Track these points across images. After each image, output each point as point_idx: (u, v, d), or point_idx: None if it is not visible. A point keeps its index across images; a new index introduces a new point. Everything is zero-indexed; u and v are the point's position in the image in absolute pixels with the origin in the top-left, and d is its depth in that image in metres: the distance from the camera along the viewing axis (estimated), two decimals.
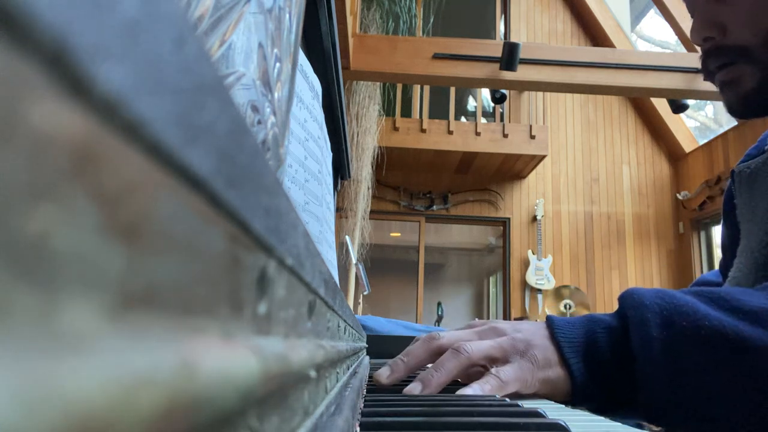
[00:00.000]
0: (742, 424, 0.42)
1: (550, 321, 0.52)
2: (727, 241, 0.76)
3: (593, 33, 5.50)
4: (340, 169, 1.22)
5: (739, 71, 0.61)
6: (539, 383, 0.48)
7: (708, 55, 0.64)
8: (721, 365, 0.42)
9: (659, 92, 3.73)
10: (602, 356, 0.49)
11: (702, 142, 5.21)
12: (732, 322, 0.43)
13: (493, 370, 0.48)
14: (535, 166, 5.10)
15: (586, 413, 0.42)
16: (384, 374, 0.53)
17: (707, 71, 0.65)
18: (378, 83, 4.44)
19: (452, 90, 5.04)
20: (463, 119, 6.34)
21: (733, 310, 0.44)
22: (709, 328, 0.43)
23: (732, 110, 0.64)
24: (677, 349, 0.44)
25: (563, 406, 0.48)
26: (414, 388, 0.48)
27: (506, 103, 5.04)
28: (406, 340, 1.25)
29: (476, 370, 0.50)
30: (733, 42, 0.61)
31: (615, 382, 0.48)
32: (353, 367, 0.49)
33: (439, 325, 4.81)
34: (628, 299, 0.49)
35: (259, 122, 0.26)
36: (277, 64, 0.28)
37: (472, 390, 0.46)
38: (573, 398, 0.49)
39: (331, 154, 0.87)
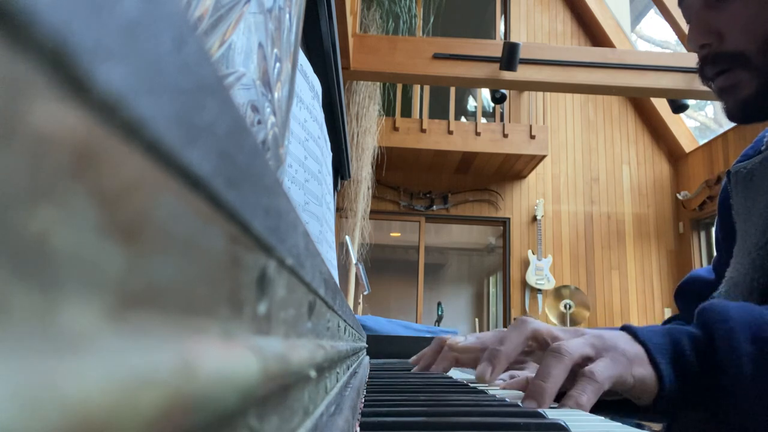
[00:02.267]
0: None
1: (629, 328, 0.50)
2: (721, 239, 0.76)
3: (593, 33, 5.50)
4: (340, 169, 1.22)
5: (736, 78, 0.61)
6: (634, 380, 0.46)
7: (705, 62, 0.64)
8: None
9: (659, 92, 3.73)
10: (689, 364, 0.47)
11: (702, 142, 5.21)
12: None
13: (585, 370, 0.45)
14: (535, 166, 5.10)
15: (586, 413, 0.42)
16: (487, 372, 0.52)
17: (705, 78, 0.65)
18: (378, 83, 4.44)
19: (452, 90, 5.04)
20: (463, 119, 6.34)
21: None
22: None
23: (731, 116, 0.64)
24: (767, 364, 0.43)
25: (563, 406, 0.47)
26: (530, 406, 0.45)
27: (506, 103, 5.04)
28: (406, 340, 1.25)
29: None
30: (730, 49, 0.61)
31: (700, 390, 0.47)
32: (353, 367, 0.49)
33: (438, 325, 4.81)
34: (710, 312, 0.47)
35: (259, 122, 0.26)
36: (277, 64, 0.28)
37: (572, 401, 0.44)
38: (658, 401, 0.47)
39: (331, 154, 0.87)
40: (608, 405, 0.53)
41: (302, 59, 0.60)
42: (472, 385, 0.55)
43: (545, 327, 0.53)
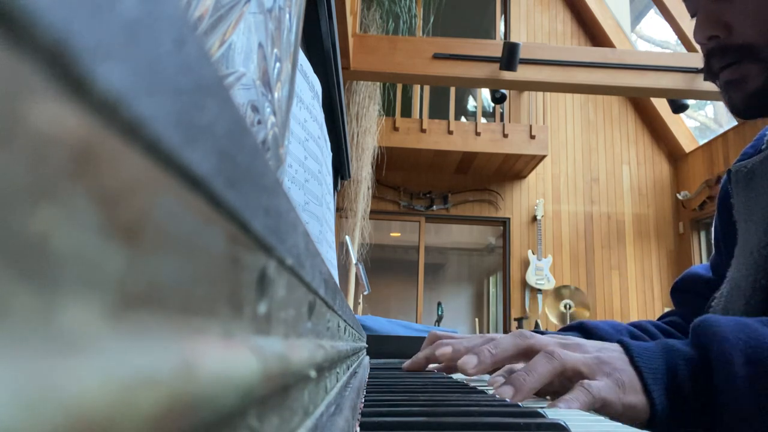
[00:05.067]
0: None
1: (626, 346, 0.50)
2: (720, 238, 0.76)
3: (593, 33, 5.50)
4: (340, 169, 1.22)
5: (744, 70, 0.61)
6: (623, 407, 0.47)
7: (712, 55, 0.63)
8: None
9: (659, 92, 3.73)
10: (683, 388, 0.47)
11: (702, 142, 5.21)
12: None
13: (584, 383, 0.46)
14: (535, 166, 5.10)
15: (586, 413, 0.42)
16: (471, 363, 0.52)
17: (710, 71, 0.64)
18: (378, 83, 4.44)
19: (452, 90, 5.04)
20: (463, 119, 6.34)
21: None
22: None
23: (735, 110, 0.64)
24: (763, 386, 0.42)
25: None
26: (505, 392, 0.46)
27: (506, 103, 5.05)
28: (406, 340, 1.25)
29: (559, 382, 0.48)
30: (739, 41, 0.60)
31: (695, 415, 0.47)
32: (353, 367, 0.49)
33: (438, 325, 4.81)
34: (706, 331, 0.47)
35: (259, 122, 0.26)
36: (277, 64, 0.28)
37: (564, 405, 0.44)
38: (649, 425, 0.47)
39: (331, 154, 0.87)
40: None
41: (302, 59, 0.60)
42: (472, 385, 0.55)
43: (544, 341, 0.51)
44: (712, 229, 0.81)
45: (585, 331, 0.73)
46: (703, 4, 0.64)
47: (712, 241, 0.81)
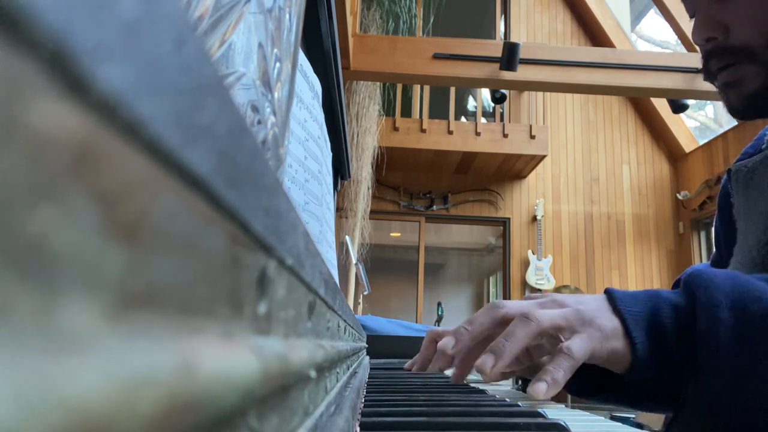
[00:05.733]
0: None
1: (610, 293, 0.49)
2: (721, 237, 0.76)
3: (593, 33, 5.50)
4: (340, 169, 1.22)
5: (742, 72, 0.61)
6: (607, 354, 0.46)
7: (710, 56, 0.63)
8: None
9: (659, 92, 3.73)
10: (666, 335, 0.46)
11: (702, 142, 5.21)
12: None
13: (563, 346, 0.45)
14: (535, 166, 5.10)
15: (587, 413, 0.42)
16: (449, 344, 0.51)
17: (708, 72, 0.64)
18: (378, 83, 4.44)
19: (452, 90, 5.04)
20: (463, 119, 6.34)
21: None
22: None
23: (734, 111, 0.63)
24: (748, 336, 0.41)
25: (563, 406, 0.48)
26: (486, 361, 0.45)
27: (506, 103, 5.04)
28: (406, 340, 1.25)
29: (540, 343, 0.47)
30: (737, 42, 0.60)
31: (677, 364, 0.46)
32: (353, 367, 0.49)
33: (438, 325, 4.81)
34: (696, 278, 0.46)
35: (259, 122, 0.26)
36: (277, 64, 0.28)
37: (549, 376, 0.43)
38: (631, 372, 0.47)
39: (331, 154, 0.87)
40: (605, 394, 0.52)
41: (302, 59, 0.60)
42: (472, 384, 0.55)
43: (517, 306, 0.50)
44: (713, 228, 0.81)
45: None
46: (701, 5, 0.63)
47: (713, 241, 0.81)
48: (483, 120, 5.23)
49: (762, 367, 0.40)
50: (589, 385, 0.52)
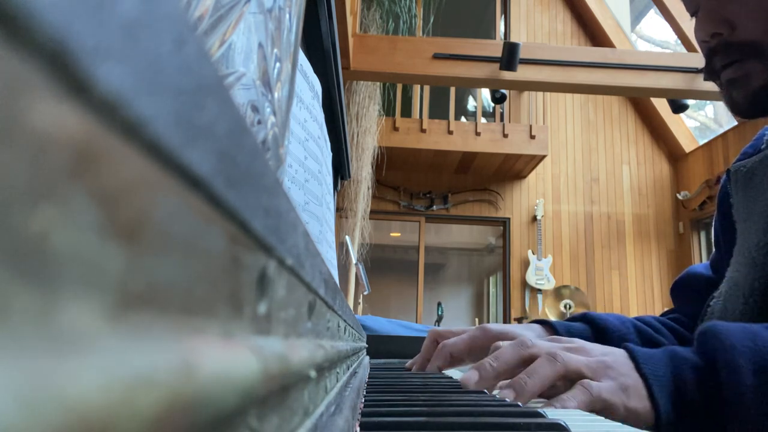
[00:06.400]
0: None
1: (631, 351, 0.49)
2: (720, 237, 0.76)
3: (593, 33, 5.50)
4: (340, 169, 1.22)
5: (747, 68, 0.60)
6: (626, 411, 0.46)
7: (714, 53, 0.62)
8: None
9: (659, 92, 3.73)
10: (689, 396, 0.46)
11: (702, 142, 5.21)
12: None
13: (584, 382, 0.45)
14: (535, 166, 5.10)
15: (587, 414, 0.42)
16: (473, 379, 0.50)
17: (711, 70, 0.64)
18: (378, 83, 4.44)
19: (452, 90, 5.04)
20: (463, 119, 6.34)
21: None
22: None
23: (737, 109, 0.63)
24: None
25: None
26: (506, 396, 0.45)
27: (506, 103, 5.04)
28: (406, 340, 1.25)
29: (564, 386, 0.47)
30: (742, 38, 0.60)
31: (700, 423, 0.46)
32: (353, 367, 0.49)
33: (438, 325, 4.81)
34: (713, 339, 0.46)
35: (259, 122, 0.26)
36: (277, 64, 0.28)
37: (560, 404, 0.43)
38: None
39: (331, 154, 0.87)
40: None
41: (302, 59, 0.60)
42: None
43: (545, 347, 0.50)
44: (712, 228, 0.81)
45: (589, 321, 0.72)
46: (704, 1, 0.63)
47: (713, 241, 0.81)
48: (483, 120, 5.23)
49: None
50: None
